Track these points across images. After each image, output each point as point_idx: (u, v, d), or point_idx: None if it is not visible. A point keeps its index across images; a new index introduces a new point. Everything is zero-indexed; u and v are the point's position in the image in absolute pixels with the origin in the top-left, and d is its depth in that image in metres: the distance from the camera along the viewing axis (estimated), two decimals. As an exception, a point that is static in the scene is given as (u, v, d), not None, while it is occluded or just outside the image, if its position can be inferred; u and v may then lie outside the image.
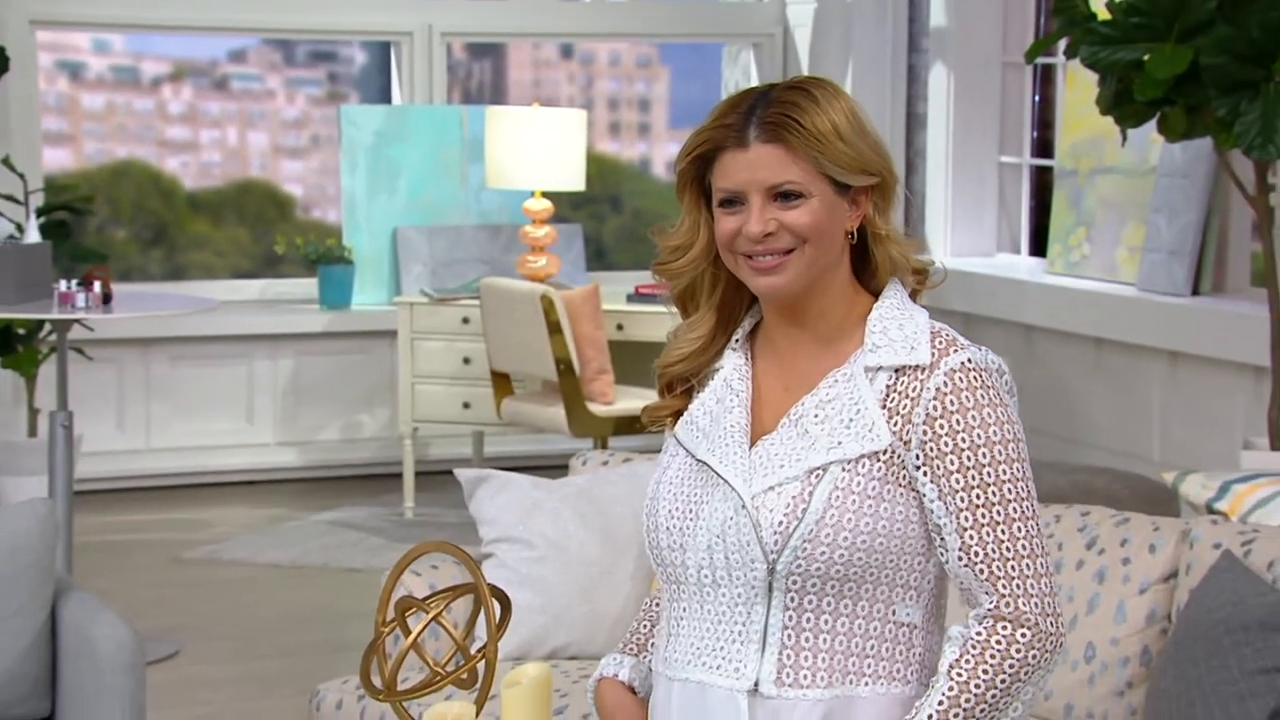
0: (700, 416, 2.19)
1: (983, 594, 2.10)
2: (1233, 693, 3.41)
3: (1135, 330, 6.77)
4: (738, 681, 2.12)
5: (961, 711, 2.07)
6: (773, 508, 2.10)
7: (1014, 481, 2.10)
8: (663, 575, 2.19)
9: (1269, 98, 5.06)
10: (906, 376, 2.12)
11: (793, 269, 2.13)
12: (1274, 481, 4.78)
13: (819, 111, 2.11)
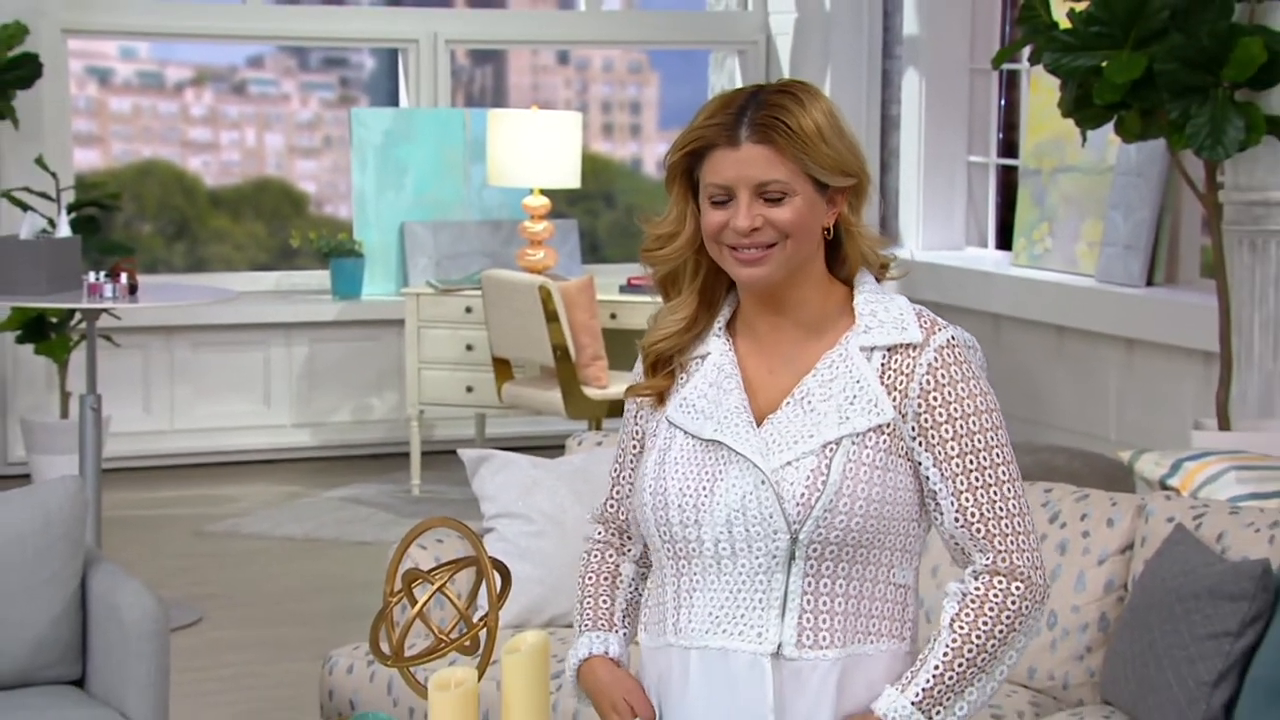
0: (697, 399, 2.18)
1: (977, 552, 2.12)
2: (1184, 656, 3.42)
3: (1094, 319, 6.77)
4: (760, 645, 2.11)
5: (965, 660, 2.09)
6: (793, 481, 2.10)
7: (1000, 448, 2.13)
8: (669, 550, 2.16)
9: (1218, 102, 5.06)
10: (899, 354, 2.14)
11: (774, 262, 2.14)
12: (1222, 459, 4.78)
13: (805, 115, 2.12)
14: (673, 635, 2.16)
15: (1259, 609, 3.38)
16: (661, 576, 2.20)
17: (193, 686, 4.94)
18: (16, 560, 3.72)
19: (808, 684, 2.11)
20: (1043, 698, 3.68)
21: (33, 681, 3.73)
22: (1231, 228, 5.43)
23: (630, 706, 2.20)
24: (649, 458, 2.20)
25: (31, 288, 5.69)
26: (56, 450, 6.92)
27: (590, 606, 2.30)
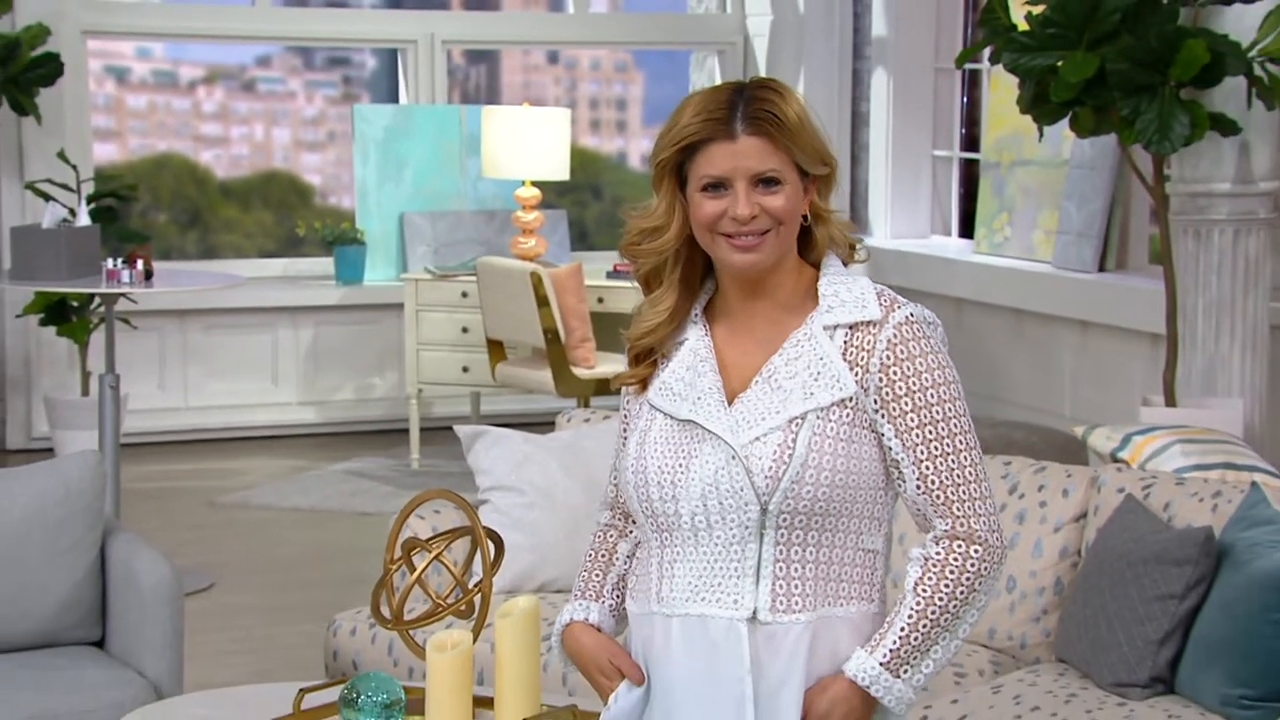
0: (675, 383, 2.18)
1: (938, 518, 2.12)
2: (1133, 617, 3.43)
3: (1050, 303, 6.78)
4: (737, 611, 2.11)
5: (929, 622, 2.09)
6: (761, 455, 2.10)
7: (958, 418, 2.12)
8: (652, 525, 2.16)
9: (1165, 99, 5.07)
10: (860, 331, 2.13)
11: (768, 248, 2.13)
12: (1169, 434, 4.80)
13: (788, 107, 2.12)
14: (656, 604, 2.16)
15: (1202, 573, 3.39)
16: (648, 549, 2.20)
17: (205, 647, 4.94)
18: (40, 529, 3.72)
19: (782, 646, 2.11)
20: (1002, 656, 3.69)
21: (56, 642, 3.73)
22: (1177, 217, 5.44)
23: (618, 669, 2.19)
24: (631, 439, 2.20)
25: (54, 273, 5.68)
26: (78, 426, 6.91)
27: (583, 580, 2.30)
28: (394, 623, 3.17)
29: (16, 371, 7.50)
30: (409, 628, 3.18)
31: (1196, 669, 3.34)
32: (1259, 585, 3.28)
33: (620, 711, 2.19)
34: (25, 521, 3.71)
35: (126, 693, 3.51)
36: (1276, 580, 3.26)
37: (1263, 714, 3.16)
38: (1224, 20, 5.19)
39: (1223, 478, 4.21)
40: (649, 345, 2.21)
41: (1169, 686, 3.40)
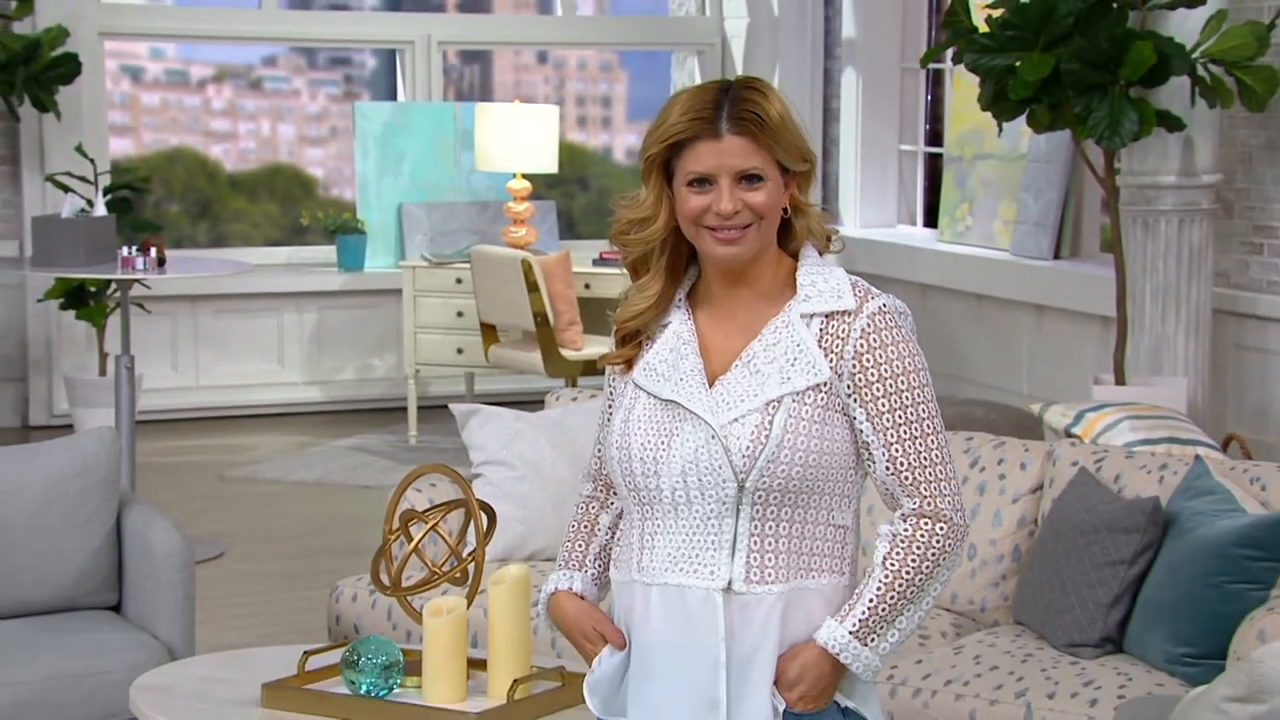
0: (658, 364, 2.17)
1: (905, 497, 2.11)
2: (1085, 581, 3.44)
3: (1008, 288, 6.79)
4: (713, 582, 2.10)
5: (895, 594, 2.09)
6: (739, 435, 2.09)
7: (926, 403, 2.12)
8: (634, 498, 2.15)
9: (1115, 97, 5.07)
10: (835, 320, 2.12)
11: (749, 241, 2.12)
12: (1119, 410, 4.81)
13: (771, 107, 2.11)
14: (636, 573, 2.15)
15: (1149, 540, 3.40)
16: (630, 521, 2.19)
17: (216, 612, 4.93)
18: (60, 501, 3.71)
19: (755, 615, 2.10)
20: (963, 619, 3.70)
21: (76, 607, 3.73)
22: (1127, 208, 5.45)
23: (600, 635, 2.19)
24: (616, 416, 2.19)
25: (72, 260, 5.66)
26: (95, 404, 6.89)
27: (566, 550, 2.29)
28: (393, 589, 3.17)
29: (38, 353, 7.48)
30: (407, 594, 3.18)
31: (1144, 629, 3.36)
32: (1202, 552, 3.30)
33: (603, 674, 2.18)
34: (46, 493, 3.71)
35: (141, 654, 3.51)
36: (1218, 547, 3.28)
37: (1204, 670, 3.17)
38: (1169, 24, 5.19)
39: (1169, 451, 4.22)
40: (635, 328, 2.20)
41: (1118, 646, 3.41)
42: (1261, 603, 3.20)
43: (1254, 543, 3.25)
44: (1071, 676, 3.28)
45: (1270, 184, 5.56)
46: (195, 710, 2.95)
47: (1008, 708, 3.22)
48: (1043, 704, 3.20)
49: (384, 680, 2.96)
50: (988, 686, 3.27)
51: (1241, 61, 5.12)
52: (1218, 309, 5.59)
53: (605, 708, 2.19)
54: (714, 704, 2.09)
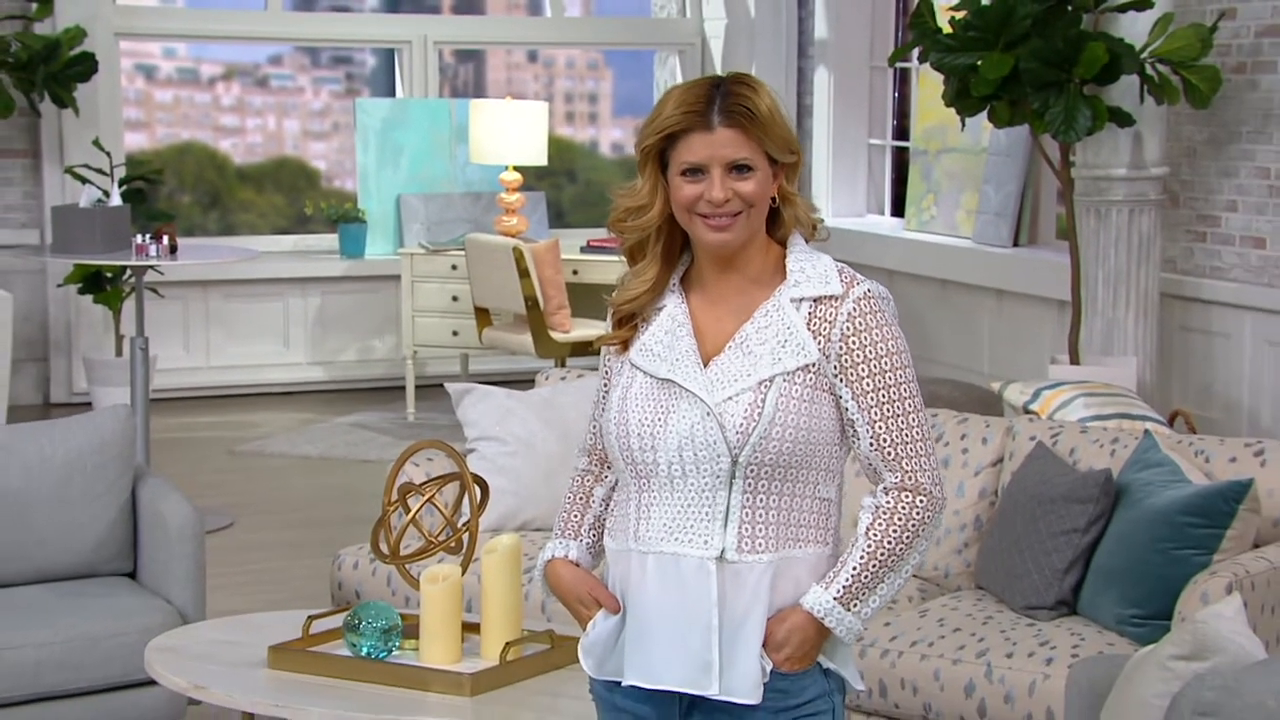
0: (655, 345, 2.15)
1: (887, 471, 2.11)
2: (1042, 549, 3.44)
3: (971, 273, 6.79)
4: (707, 551, 2.09)
5: (877, 562, 2.09)
6: (733, 413, 2.08)
7: (908, 384, 2.11)
8: (631, 471, 2.14)
9: (1070, 94, 5.07)
10: (824, 305, 2.12)
11: (739, 228, 2.12)
12: (1073, 388, 4.82)
13: (761, 101, 2.11)
14: (633, 542, 2.14)
15: (1101, 510, 3.41)
16: (626, 493, 2.18)
17: (225, 579, 4.92)
18: (79, 474, 3.70)
19: (745, 583, 2.09)
20: (928, 584, 3.71)
21: (94, 573, 3.72)
22: (1081, 198, 5.45)
23: (595, 600, 2.18)
24: (614, 394, 2.18)
25: (90, 248, 5.63)
26: (112, 383, 6.87)
27: (563, 520, 2.27)
28: (391, 557, 3.16)
29: (59, 335, 7.45)
30: (405, 562, 3.17)
31: (1096, 593, 3.36)
32: (1150, 520, 3.30)
33: (598, 637, 2.17)
34: (66, 467, 3.70)
35: (155, 618, 3.50)
36: (1165, 515, 3.28)
37: (1151, 631, 3.18)
38: (1120, 25, 5.19)
39: (1119, 426, 4.22)
40: (631, 311, 2.18)
41: (1072, 609, 3.42)
42: (1204, 567, 3.21)
43: (1197, 511, 3.25)
44: (1029, 637, 3.29)
45: (1213, 176, 5.57)
46: (206, 670, 2.94)
47: (969, 667, 3.23)
48: (1001, 663, 3.21)
49: (383, 643, 2.96)
50: (951, 647, 3.28)
51: (1186, 61, 5.13)
52: (1165, 293, 5.60)
53: (600, 668, 2.18)
54: (707, 666, 2.08)
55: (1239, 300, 5.47)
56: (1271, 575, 3.21)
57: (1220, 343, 5.56)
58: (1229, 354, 5.52)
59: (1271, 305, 5.35)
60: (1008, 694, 3.16)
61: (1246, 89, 5.43)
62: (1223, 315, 5.54)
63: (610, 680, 2.17)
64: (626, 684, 2.13)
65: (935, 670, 3.25)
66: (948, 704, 3.22)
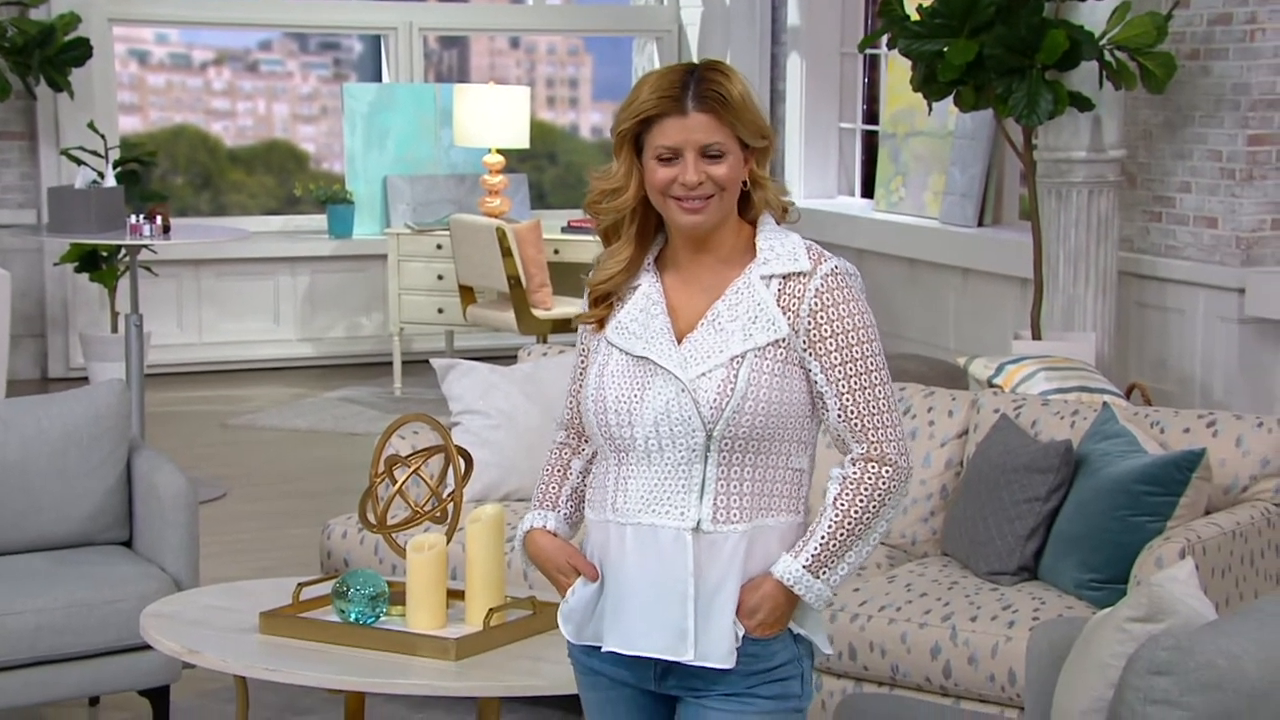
0: (630, 323, 2.15)
1: (854, 442, 2.10)
2: (1004, 516, 3.46)
3: (937, 253, 6.80)
4: (683, 522, 2.09)
5: (845, 531, 2.09)
6: (707, 389, 2.08)
7: (874, 357, 2.11)
8: (609, 445, 2.14)
9: (1032, 80, 5.07)
10: (793, 281, 2.11)
11: (712, 210, 2.11)
12: (1035, 362, 4.83)
13: (733, 87, 2.10)
14: (611, 513, 2.14)
15: (1062, 479, 3.42)
16: (604, 466, 2.17)
17: (218, 548, 4.91)
18: (75, 446, 3.68)
19: (720, 552, 2.09)
20: (896, 551, 3.72)
21: (91, 542, 3.71)
22: (1043, 180, 5.46)
23: (574, 568, 2.17)
24: (591, 371, 2.17)
25: (85, 227, 5.60)
26: (108, 359, 6.84)
27: (541, 492, 2.27)
28: (378, 527, 3.16)
29: (55, 312, 7.41)
30: (392, 531, 3.17)
31: (1056, 559, 3.38)
32: (1108, 489, 3.32)
33: (577, 604, 2.17)
34: (63, 439, 3.68)
35: (150, 585, 3.49)
36: (1122, 484, 3.30)
37: (1108, 594, 3.20)
38: (1080, 13, 5.19)
39: (1079, 399, 4.24)
40: (607, 290, 2.17)
41: (1033, 574, 3.44)
42: (1159, 533, 3.23)
43: (1153, 480, 3.27)
44: (992, 602, 3.30)
45: (1169, 159, 5.58)
46: (199, 636, 2.93)
47: (935, 630, 3.24)
48: (966, 626, 3.22)
49: (371, 609, 2.95)
50: (917, 611, 3.29)
51: (1143, 48, 5.13)
52: (1122, 271, 5.61)
53: (579, 634, 2.18)
54: (683, 634, 2.08)
55: (1192, 278, 5.49)
56: (1222, 540, 3.23)
57: (1175, 318, 5.58)
58: (1183, 329, 5.55)
59: (1223, 283, 5.37)
60: (972, 656, 3.18)
61: (1200, 75, 5.44)
62: (1177, 292, 5.56)
63: (589, 645, 2.18)
64: (605, 650, 2.13)
65: (902, 634, 3.26)
66: (914, 666, 3.24)
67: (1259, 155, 5.34)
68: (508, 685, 2.76)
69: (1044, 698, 2.55)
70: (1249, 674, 2.16)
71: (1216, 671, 2.15)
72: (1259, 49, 5.29)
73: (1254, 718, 2.18)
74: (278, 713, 3.72)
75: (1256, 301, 5.28)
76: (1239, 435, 3.45)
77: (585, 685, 2.21)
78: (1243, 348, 5.34)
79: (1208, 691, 2.15)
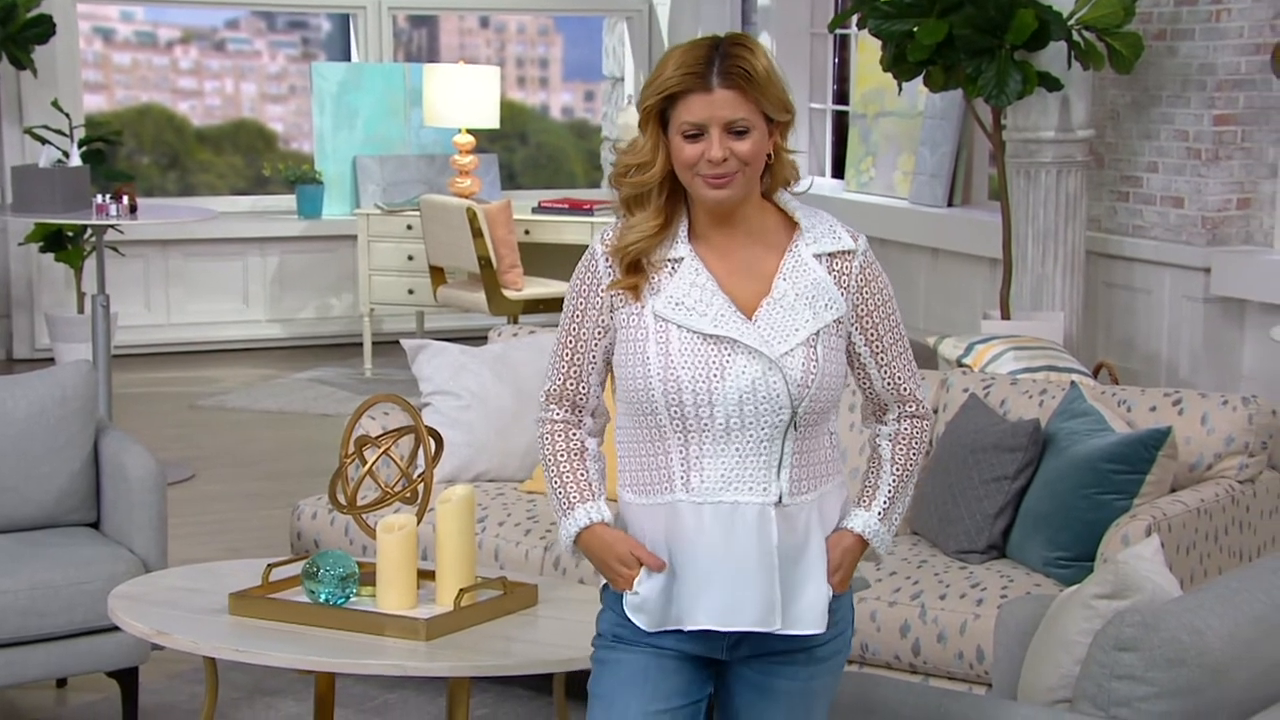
0: (683, 298, 2.13)
1: (898, 404, 2.23)
2: (974, 495, 3.47)
3: (907, 232, 6.82)
4: (766, 497, 2.12)
5: (903, 482, 2.23)
6: (793, 366, 2.11)
7: (901, 324, 2.23)
8: (677, 425, 2.11)
9: (1002, 60, 5.08)
10: (840, 259, 2.17)
11: (737, 185, 2.13)
12: (1004, 342, 4.85)
13: (758, 62, 2.11)
14: (684, 493, 2.12)
15: (1030, 458, 3.44)
16: (655, 445, 2.14)
17: (187, 529, 4.89)
18: (41, 428, 3.66)
19: (797, 522, 2.14)
20: (863, 530, 3.73)
21: (58, 523, 3.68)
22: (1011, 160, 5.47)
23: (637, 559, 2.15)
24: (645, 348, 2.13)
25: (50, 207, 5.55)
26: (74, 339, 6.79)
27: (571, 480, 2.21)
28: (349, 508, 3.15)
29: (20, 292, 7.35)
30: (362, 512, 3.16)
31: (1024, 537, 3.40)
32: (1075, 467, 3.34)
33: (649, 594, 2.14)
34: (29, 421, 3.65)
35: (118, 566, 3.47)
36: (1089, 462, 3.32)
37: (1076, 572, 3.22)
38: (1051, -7, 5.21)
39: (1047, 378, 4.26)
40: (635, 254, 2.15)
41: (1002, 552, 3.46)
42: (1125, 511, 3.25)
43: (1120, 458, 3.29)
44: (960, 580, 3.32)
45: (1136, 139, 5.61)
46: (168, 617, 2.92)
47: (904, 608, 3.26)
48: (935, 604, 3.24)
49: (341, 590, 2.95)
50: (887, 590, 3.31)
51: (1111, 28, 5.15)
52: (1090, 250, 5.64)
53: (657, 623, 2.15)
54: (771, 605, 2.12)
55: (1159, 257, 5.52)
56: (1187, 518, 3.25)
57: (1142, 298, 5.61)
58: (1150, 309, 5.58)
59: (1189, 262, 5.41)
60: (940, 633, 3.20)
61: (1166, 55, 5.46)
62: (1144, 272, 5.59)
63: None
64: (692, 629, 2.12)
65: (872, 612, 3.27)
66: (884, 644, 3.25)
67: (1225, 135, 5.37)
68: (478, 665, 2.76)
69: (1011, 674, 2.57)
70: (1213, 648, 2.19)
71: (1180, 647, 2.17)
72: (1225, 29, 5.31)
73: (1218, 691, 2.20)
74: (247, 694, 3.72)
75: (1222, 281, 5.32)
76: (1204, 413, 3.47)
77: (621, 649, 2.16)
78: (1208, 327, 5.38)
79: (1172, 667, 2.17)
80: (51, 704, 3.73)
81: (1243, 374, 5.34)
